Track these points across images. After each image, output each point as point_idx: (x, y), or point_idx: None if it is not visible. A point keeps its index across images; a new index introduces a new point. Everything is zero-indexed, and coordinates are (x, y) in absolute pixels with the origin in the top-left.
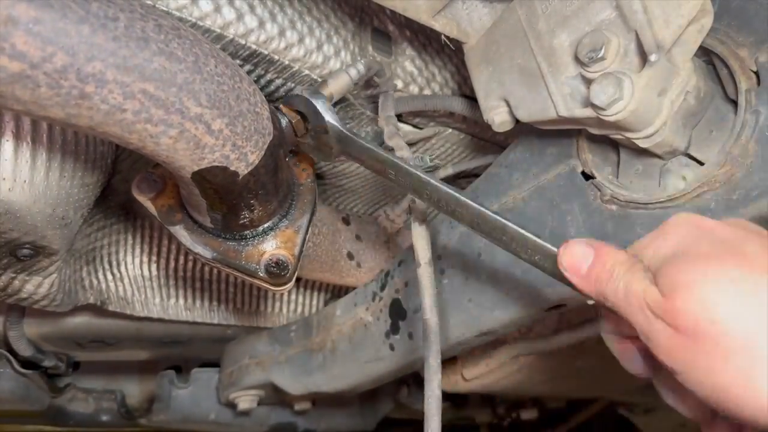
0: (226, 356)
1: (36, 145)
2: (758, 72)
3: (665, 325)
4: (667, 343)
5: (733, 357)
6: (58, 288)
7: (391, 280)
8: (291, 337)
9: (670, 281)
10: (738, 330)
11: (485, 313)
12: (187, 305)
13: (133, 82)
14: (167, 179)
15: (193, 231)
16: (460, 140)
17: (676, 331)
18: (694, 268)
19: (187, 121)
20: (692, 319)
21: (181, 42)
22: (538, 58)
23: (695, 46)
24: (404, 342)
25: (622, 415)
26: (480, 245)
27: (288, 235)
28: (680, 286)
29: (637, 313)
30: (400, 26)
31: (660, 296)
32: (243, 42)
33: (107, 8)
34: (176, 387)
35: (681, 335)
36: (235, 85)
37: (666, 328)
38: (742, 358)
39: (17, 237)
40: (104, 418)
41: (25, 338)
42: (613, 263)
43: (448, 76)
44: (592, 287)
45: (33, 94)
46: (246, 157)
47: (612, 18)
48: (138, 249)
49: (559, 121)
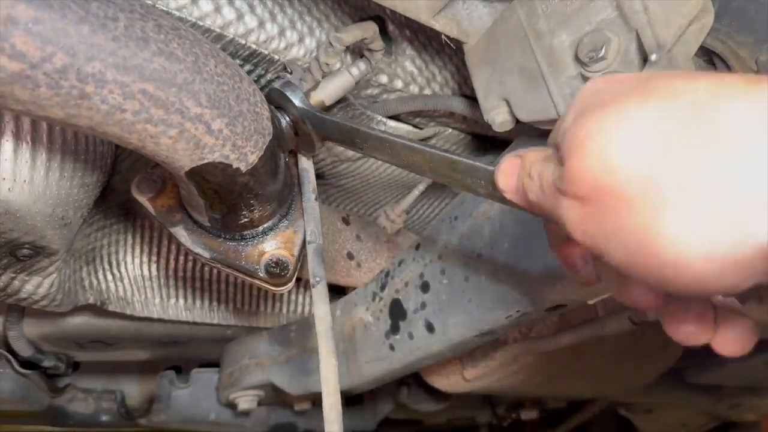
0: (226, 356)
1: (36, 145)
2: (759, 72)
3: (571, 200)
4: (578, 219)
5: (637, 208)
6: (57, 288)
7: (391, 280)
8: (291, 338)
9: (567, 146)
10: (638, 174)
11: (485, 313)
12: (187, 305)
13: (132, 82)
14: (167, 179)
15: (193, 231)
16: (460, 140)
17: (581, 201)
18: (589, 121)
19: (187, 121)
20: (591, 178)
21: (181, 42)
22: (538, 58)
23: (696, 46)
24: (404, 342)
25: (622, 415)
26: (480, 245)
27: (288, 235)
28: (576, 147)
29: (552, 204)
30: (400, 26)
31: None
32: (243, 42)
33: (107, 8)
34: (176, 387)
35: (586, 203)
36: (235, 85)
37: (572, 202)
38: (645, 207)
39: (17, 237)
40: (104, 419)
41: (25, 338)
42: (531, 164)
43: (448, 76)
44: (522, 197)
45: (33, 94)
46: (246, 157)
47: (612, 18)
48: (138, 249)
49: None
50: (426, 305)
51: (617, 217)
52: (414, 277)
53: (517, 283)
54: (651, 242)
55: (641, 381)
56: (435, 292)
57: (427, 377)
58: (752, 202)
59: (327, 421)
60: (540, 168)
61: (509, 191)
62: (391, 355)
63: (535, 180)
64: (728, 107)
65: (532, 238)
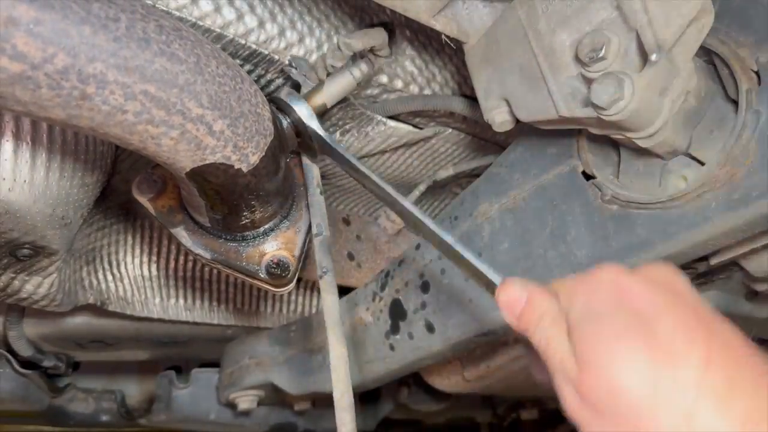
0: (226, 356)
1: (36, 145)
2: (759, 72)
3: (575, 392)
4: (574, 406)
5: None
6: (57, 288)
7: (391, 280)
8: (291, 338)
9: (583, 353)
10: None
11: (485, 313)
12: (187, 305)
13: (134, 83)
14: (168, 180)
15: (193, 232)
16: (460, 140)
17: (583, 401)
18: (606, 347)
19: (189, 123)
20: (598, 399)
21: (183, 43)
22: (538, 58)
23: (696, 46)
24: (404, 342)
25: None
26: (480, 245)
27: (289, 236)
28: (591, 365)
29: (554, 369)
30: (401, 26)
31: (574, 365)
32: (243, 42)
33: (108, 9)
34: (176, 387)
35: (587, 406)
36: (237, 86)
37: (575, 394)
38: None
39: (17, 237)
40: (104, 419)
41: (25, 338)
42: (541, 313)
43: (448, 76)
44: (523, 329)
45: (34, 95)
46: (247, 158)
47: (612, 18)
48: (138, 249)
49: (559, 121)
50: (426, 305)
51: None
52: (414, 277)
53: None
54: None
55: None
56: (435, 292)
57: (427, 377)
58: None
59: (338, 408)
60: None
61: (512, 323)
62: (391, 355)
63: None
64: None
65: (533, 238)
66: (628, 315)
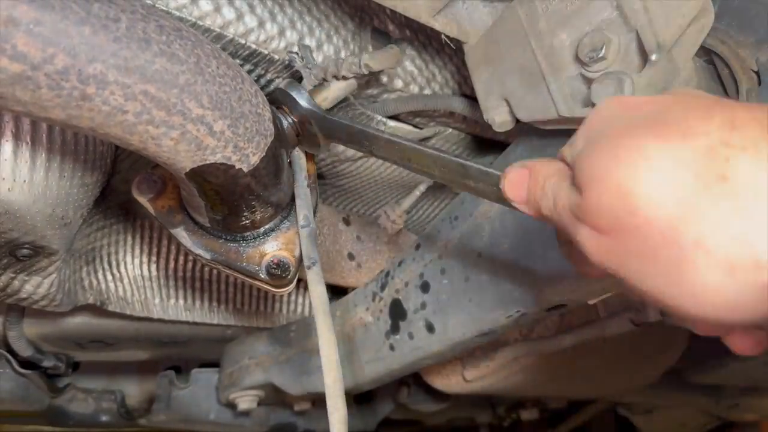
0: (226, 356)
1: (35, 145)
2: (759, 72)
3: (589, 229)
4: (596, 249)
5: (662, 252)
6: (57, 288)
7: (391, 280)
8: (291, 338)
9: (583, 176)
10: (661, 218)
11: (486, 313)
12: (187, 306)
13: (134, 83)
14: (167, 180)
15: (193, 232)
16: (460, 140)
17: (600, 233)
18: (606, 153)
19: (189, 123)
20: (611, 215)
21: (183, 43)
22: (538, 58)
23: (696, 46)
24: (404, 342)
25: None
26: (480, 245)
27: (289, 236)
28: (593, 179)
29: (568, 224)
30: (400, 26)
31: (578, 197)
32: (243, 41)
33: (108, 9)
34: (176, 387)
35: (606, 237)
36: (237, 87)
37: (591, 232)
38: (670, 252)
39: (17, 237)
40: (104, 419)
41: (25, 338)
42: (543, 178)
43: (448, 76)
44: (534, 209)
45: (34, 95)
46: (248, 159)
47: (612, 18)
48: (138, 249)
49: (559, 120)
50: (426, 305)
51: (640, 259)
52: (414, 277)
53: (517, 282)
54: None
55: (642, 382)
56: (435, 292)
57: (427, 377)
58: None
59: (329, 396)
60: (554, 188)
61: (519, 202)
62: (391, 355)
63: (549, 197)
64: (737, 162)
65: (533, 238)
66: (631, 119)
